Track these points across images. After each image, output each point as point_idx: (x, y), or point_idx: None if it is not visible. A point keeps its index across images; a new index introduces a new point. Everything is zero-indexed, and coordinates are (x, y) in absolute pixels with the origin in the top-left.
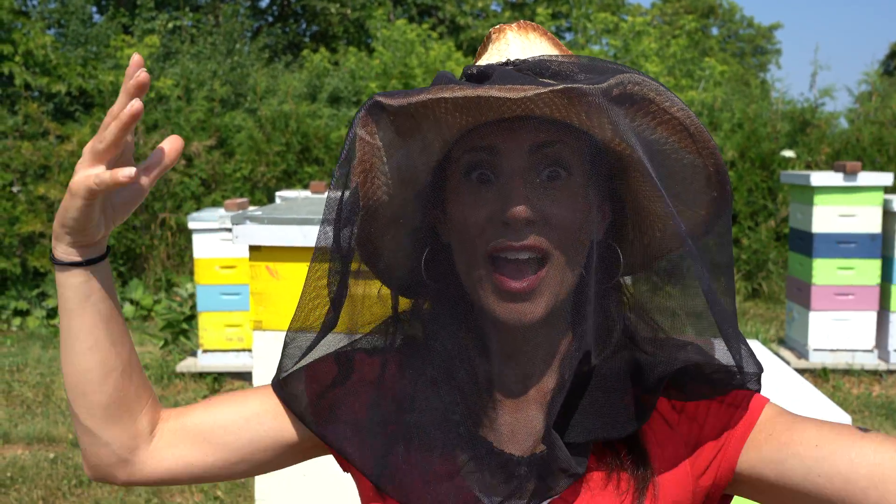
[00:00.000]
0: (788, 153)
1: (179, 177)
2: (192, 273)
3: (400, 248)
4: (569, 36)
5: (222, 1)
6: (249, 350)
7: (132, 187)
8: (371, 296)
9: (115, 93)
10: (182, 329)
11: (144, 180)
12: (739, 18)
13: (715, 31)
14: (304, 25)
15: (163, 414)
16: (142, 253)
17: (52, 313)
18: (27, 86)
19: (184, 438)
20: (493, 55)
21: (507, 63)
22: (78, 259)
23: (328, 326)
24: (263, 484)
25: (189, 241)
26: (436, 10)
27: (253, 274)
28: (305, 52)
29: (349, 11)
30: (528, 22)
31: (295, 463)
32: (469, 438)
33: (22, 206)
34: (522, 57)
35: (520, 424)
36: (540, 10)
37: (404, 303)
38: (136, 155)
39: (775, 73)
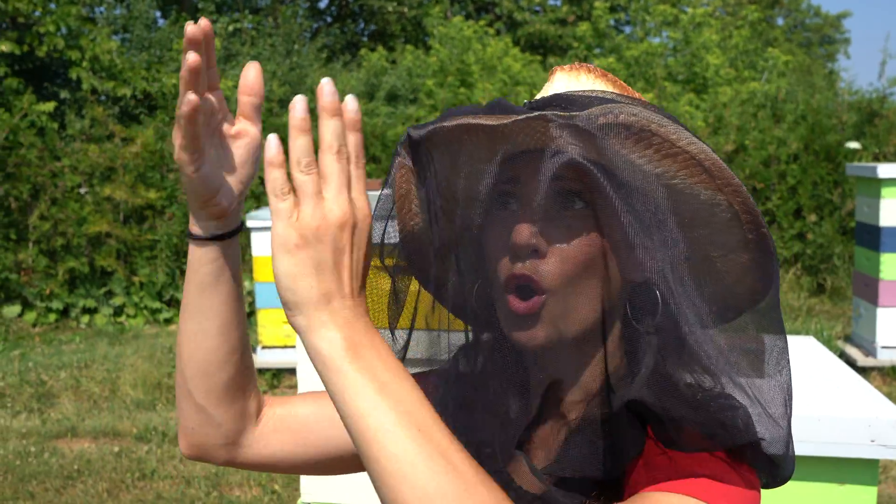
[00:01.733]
0: (854, 144)
1: None
2: (251, 271)
3: (454, 277)
4: (627, 29)
5: (281, 2)
6: None
7: (239, 140)
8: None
9: (178, 95)
10: None
11: (244, 124)
12: (806, 7)
13: (780, 21)
14: (362, 25)
15: (267, 399)
16: None
17: (119, 311)
18: (94, 90)
19: (290, 426)
20: (540, 94)
21: (539, 100)
22: (215, 233)
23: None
24: (308, 478)
25: (248, 239)
26: (493, 6)
27: None
28: (363, 51)
29: (406, 10)
30: (584, 64)
31: None
32: (494, 471)
33: (89, 207)
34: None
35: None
36: (598, 3)
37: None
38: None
39: (843, 63)
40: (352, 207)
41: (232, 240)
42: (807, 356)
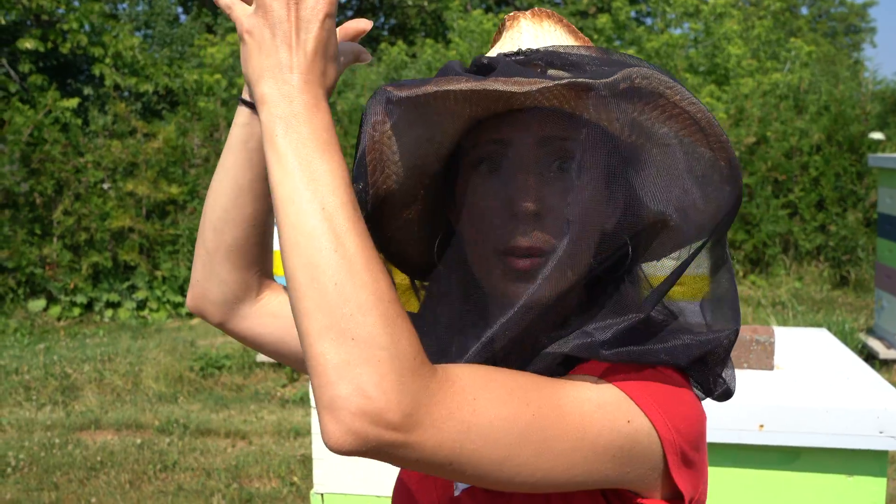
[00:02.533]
0: (877, 135)
1: None
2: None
3: (410, 234)
4: (648, 21)
5: None
6: None
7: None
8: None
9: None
10: None
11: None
12: None
13: (805, 10)
14: (382, 19)
15: (273, 285)
16: None
17: (142, 305)
18: (116, 86)
19: (284, 316)
20: (505, 44)
21: (517, 53)
22: (248, 99)
23: None
24: (321, 470)
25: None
26: None
27: None
28: (383, 45)
29: (426, 3)
30: (543, 9)
31: None
32: None
33: (112, 203)
34: (534, 46)
35: None
36: None
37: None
38: (219, 150)
39: (869, 53)
40: None
41: None
42: (818, 348)
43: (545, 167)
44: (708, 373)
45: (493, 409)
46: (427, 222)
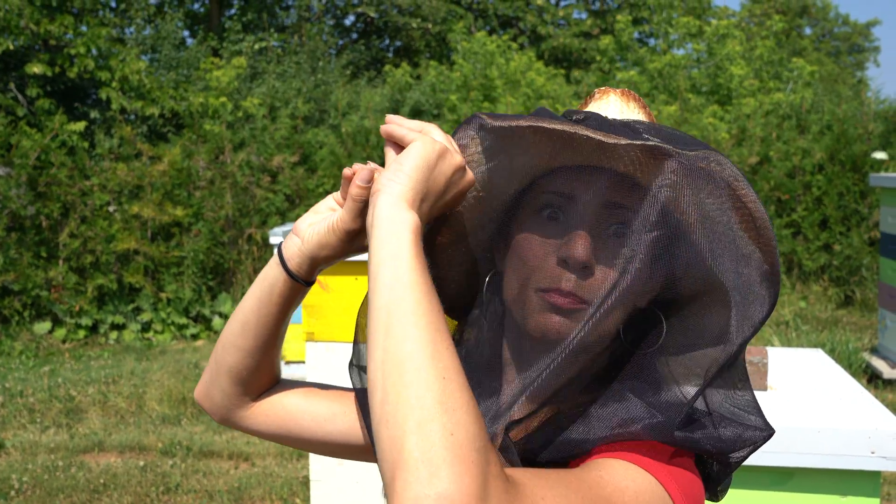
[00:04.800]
0: (880, 155)
1: (264, 193)
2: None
3: (459, 264)
4: (651, 42)
5: (307, 20)
6: None
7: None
8: None
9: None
10: None
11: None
12: (834, 16)
13: (808, 30)
14: (386, 41)
15: (276, 387)
16: (230, 268)
17: (146, 327)
18: (123, 109)
19: (279, 413)
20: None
21: (606, 118)
22: (287, 267)
23: None
24: (319, 492)
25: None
26: (517, 20)
27: None
28: (388, 67)
29: (430, 26)
30: (632, 91)
31: (354, 459)
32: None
33: (117, 225)
34: (621, 118)
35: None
36: (620, 17)
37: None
38: (224, 172)
39: (873, 72)
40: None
41: (297, 284)
42: (812, 368)
43: (603, 228)
44: (724, 474)
45: None
46: (483, 256)
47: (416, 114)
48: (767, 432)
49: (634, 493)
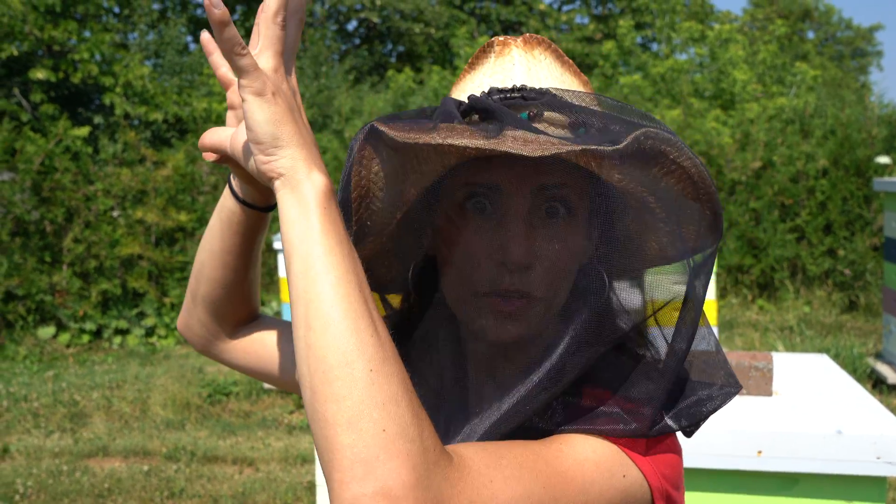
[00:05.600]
0: (884, 159)
1: None
2: (278, 291)
3: (385, 260)
4: (654, 46)
5: (310, 25)
6: None
7: None
8: None
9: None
10: None
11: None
12: (837, 20)
13: (811, 35)
14: (389, 46)
15: (258, 319)
16: None
17: (150, 332)
18: (126, 115)
19: (258, 349)
20: (496, 72)
21: (513, 89)
22: (236, 192)
23: None
24: (324, 497)
25: (276, 260)
26: (520, 25)
27: None
28: (390, 72)
29: (433, 31)
30: (535, 36)
31: None
32: None
33: (122, 230)
34: (528, 80)
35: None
36: (622, 22)
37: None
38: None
39: (875, 76)
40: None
41: (250, 209)
42: (817, 373)
43: (536, 214)
44: (695, 428)
45: (509, 490)
46: (402, 251)
47: None
48: (735, 388)
49: (595, 464)
